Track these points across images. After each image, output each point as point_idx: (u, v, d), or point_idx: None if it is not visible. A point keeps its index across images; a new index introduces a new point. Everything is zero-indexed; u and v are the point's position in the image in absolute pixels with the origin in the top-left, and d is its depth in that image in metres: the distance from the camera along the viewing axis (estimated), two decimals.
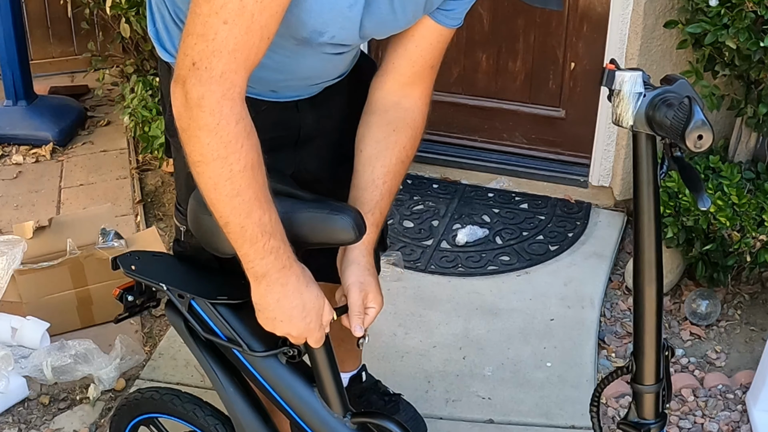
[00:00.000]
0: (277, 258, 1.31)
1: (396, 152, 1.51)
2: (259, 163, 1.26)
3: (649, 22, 2.89)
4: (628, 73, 1.10)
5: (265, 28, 1.21)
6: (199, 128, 1.22)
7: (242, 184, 1.24)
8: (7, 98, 3.92)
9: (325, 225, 1.37)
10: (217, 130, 1.21)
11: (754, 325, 2.77)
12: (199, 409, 1.71)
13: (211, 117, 1.21)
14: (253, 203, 1.26)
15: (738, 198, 2.49)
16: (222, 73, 1.20)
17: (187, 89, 1.21)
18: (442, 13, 1.45)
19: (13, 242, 2.61)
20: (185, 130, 1.24)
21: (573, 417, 2.35)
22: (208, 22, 1.19)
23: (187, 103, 1.22)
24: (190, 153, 1.25)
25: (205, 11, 1.19)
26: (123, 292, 1.55)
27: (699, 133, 1.03)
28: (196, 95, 1.20)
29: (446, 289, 2.87)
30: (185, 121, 1.23)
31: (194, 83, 1.20)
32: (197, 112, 1.21)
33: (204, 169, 1.24)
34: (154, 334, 2.73)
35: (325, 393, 1.50)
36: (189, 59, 1.21)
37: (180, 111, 1.23)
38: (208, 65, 1.20)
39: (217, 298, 1.48)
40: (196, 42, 1.20)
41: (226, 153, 1.22)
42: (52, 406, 2.46)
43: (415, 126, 1.54)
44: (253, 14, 1.19)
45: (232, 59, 1.21)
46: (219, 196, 1.26)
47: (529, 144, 3.45)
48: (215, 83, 1.20)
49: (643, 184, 1.20)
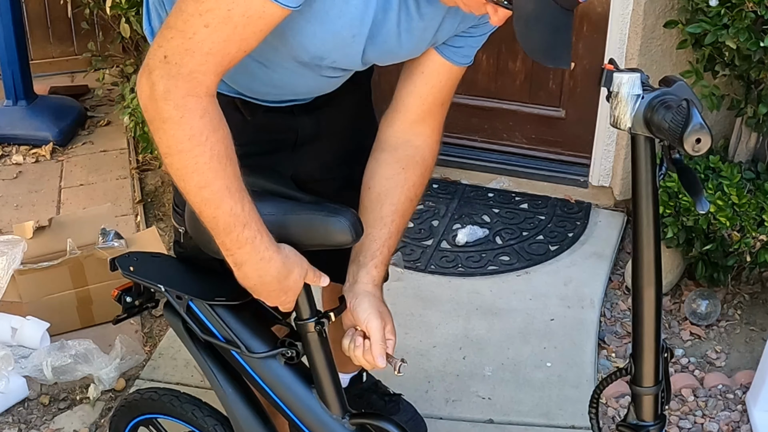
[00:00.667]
0: (254, 248, 1.31)
1: (405, 191, 1.52)
2: (228, 155, 1.26)
3: (649, 22, 2.88)
4: (626, 74, 1.10)
5: (244, 41, 1.22)
6: (164, 121, 1.23)
7: (209, 176, 1.25)
8: (7, 98, 3.92)
9: (322, 227, 1.37)
10: (181, 123, 1.22)
11: (754, 325, 2.77)
12: (197, 409, 1.71)
13: (176, 111, 1.22)
14: (223, 193, 1.26)
15: (738, 198, 2.49)
16: (191, 71, 1.21)
17: (153, 80, 1.22)
18: (451, 49, 1.46)
19: (13, 242, 2.61)
20: (151, 121, 1.25)
21: (573, 417, 2.35)
22: (189, 21, 1.20)
23: (152, 95, 1.22)
24: (157, 144, 1.27)
25: (190, 10, 1.20)
26: (121, 293, 1.55)
27: (697, 137, 1.02)
28: (162, 88, 1.21)
29: (446, 289, 2.87)
30: (151, 112, 1.24)
31: (161, 75, 1.21)
32: (162, 104, 1.22)
33: (171, 160, 1.26)
34: (154, 334, 2.73)
35: (324, 394, 1.50)
36: (162, 51, 1.22)
37: (146, 102, 1.24)
38: (179, 61, 1.21)
39: (215, 299, 1.48)
40: (173, 36, 1.21)
41: (191, 145, 1.23)
42: (52, 406, 2.46)
43: (425, 164, 1.54)
44: (236, 26, 1.20)
45: (204, 61, 1.21)
46: (188, 187, 1.27)
47: (529, 144, 3.45)
48: (182, 80, 1.21)
49: (642, 185, 1.19)
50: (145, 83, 1.23)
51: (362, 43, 1.34)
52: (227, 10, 1.18)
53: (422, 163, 1.53)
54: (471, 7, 1.27)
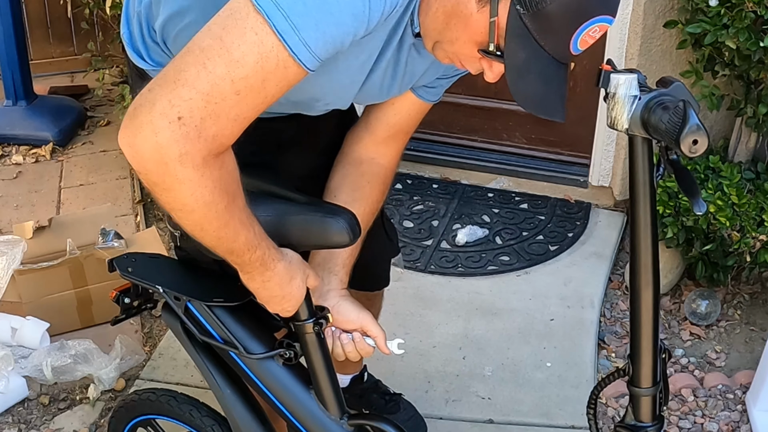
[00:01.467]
0: (262, 263, 1.32)
1: (369, 204, 1.57)
2: (240, 190, 1.22)
3: (649, 22, 2.88)
4: (623, 75, 1.10)
5: (268, 104, 1.16)
6: (180, 182, 1.13)
7: (227, 217, 1.21)
8: (7, 98, 3.92)
9: (319, 228, 1.37)
10: (202, 181, 1.14)
11: (754, 325, 2.77)
12: (195, 410, 1.71)
13: (195, 172, 1.12)
14: (238, 228, 1.24)
15: (738, 198, 2.49)
16: (215, 135, 1.12)
17: (161, 143, 1.09)
18: (425, 90, 1.50)
19: (13, 242, 2.61)
20: (157, 184, 1.14)
21: (573, 417, 2.35)
22: (219, 85, 1.10)
23: (161, 159, 1.10)
24: (167, 203, 1.17)
25: (220, 72, 1.10)
26: (120, 295, 1.55)
27: (694, 138, 1.02)
28: (177, 151, 1.10)
29: (446, 289, 2.87)
30: (158, 176, 1.13)
31: (175, 139, 1.09)
32: (177, 167, 1.11)
33: (187, 215, 1.18)
34: (154, 334, 2.73)
35: (322, 395, 1.50)
36: (175, 111, 1.09)
37: (148, 166, 1.12)
38: (200, 125, 1.10)
39: (214, 300, 1.48)
40: (192, 97, 1.09)
41: (212, 197, 1.16)
42: (52, 406, 2.46)
43: (386, 182, 1.61)
44: (267, 94, 1.14)
45: (230, 126, 1.13)
46: (206, 234, 1.22)
47: (529, 144, 3.45)
48: (203, 143, 1.11)
49: (640, 186, 1.19)
50: (144, 146, 1.10)
51: (358, 87, 1.37)
52: (262, 80, 1.11)
53: (384, 180, 1.60)
54: (467, 65, 1.27)
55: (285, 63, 1.11)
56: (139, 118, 1.10)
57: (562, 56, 1.19)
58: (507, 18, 1.16)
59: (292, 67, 1.13)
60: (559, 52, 1.19)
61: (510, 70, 1.19)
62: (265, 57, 1.10)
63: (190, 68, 1.10)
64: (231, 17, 1.11)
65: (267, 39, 1.10)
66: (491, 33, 1.18)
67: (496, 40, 1.18)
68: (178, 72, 1.10)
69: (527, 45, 1.17)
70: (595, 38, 1.18)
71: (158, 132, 1.09)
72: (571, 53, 1.19)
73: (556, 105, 1.24)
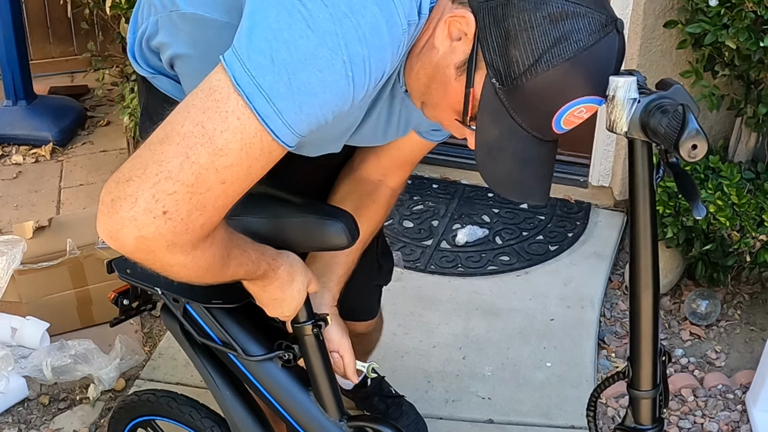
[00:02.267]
0: (263, 277, 1.32)
1: (371, 224, 1.57)
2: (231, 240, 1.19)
3: (649, 22, 2.88)
4: (622, 78, 1.09)
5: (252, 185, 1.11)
6: (170, 265, 1.10)
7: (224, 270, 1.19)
8: (7, 98, 3.92)
9: (318, 230, 1.36)
10: (193, 261, 1.10)
11: (754, 325, 2.77)
12: (195, 411, 1.71)
13: (185, 256, 1.09)
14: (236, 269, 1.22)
15: (738, 198, 2.49)
16: (203, 225, 1.07)
17: (147, 237, 1.04)
18: (431, 132, 1.47)
19: (13, 242, 2.61)
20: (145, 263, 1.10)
21: (573, 417, 2.35)
22: (203, 176, 1.03)
23: (148, 249, 1.06)
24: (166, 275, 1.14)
25: (204, 163, 1.03)
26: (118, 296, 1.55)
27: (693, 143, 1.01)
28: (164, 244, 1.05)
29: (446, 289, 2.87)
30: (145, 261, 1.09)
31: (163, 234, 1.04)
32: (164, 255, 1.07)
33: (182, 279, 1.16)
34: (154, 334, 2.73)
35: (321, 397, 1.50)
36: (159, 206, 1.03)
37: (135, 255, 1.08)
38: (187, 218, 1.05)
39: (212, 302, 1.48)
40: (176, 190, 1.03)
41: (206, 267, 1.13)
42: (52, 406, 2.46)
43: (391, 203, 1.61)
44: (253, 179, 1.09)
45: (217, 214, 1.08)
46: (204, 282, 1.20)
47: None
48: (191, 234, 1.06)
49: (639, 188, 1.19)
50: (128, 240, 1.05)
51: (347, 137, 1.36)
52: (248, 167, 1.05)
53: (387, 203, 1.60)
54: (450, 129, 1.22)
55: (270, 147, 1.06)
56: (120, 213, 1.03)
57: (543, 134, 1.12)
58: (482, 90, 1.10)
59: (277, 150, 1.07)
60: (540, 131, 1.12)
61: (479, 147, 1.13)
62: (249, 143, 1.04)
63: (172, 160, 1.03)
64: (211, 98, 1.04)
65: (250, 124, 1.03)
66: (466, 103, 1.12)
67: (471, 112, 1.12)
68: (159, 164, 1.03)
69: (502, 121, 1.10)
70: (582, 118, 1.11)
71: (142, 228, 1.04)
72: (554, 132, 1.12)
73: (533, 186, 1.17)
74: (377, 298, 1.96)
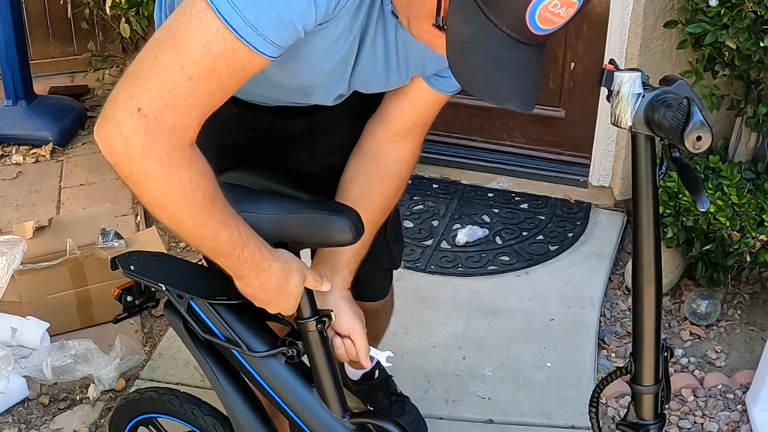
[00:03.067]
0: (254, 264, 1.32)
1: (381, 201, 1.54)
2: (217, 191, 1.24)
3: (649, 22, 2.88)
4: (627, 73, 1.10)
5: (226, 91, 1.17)
6: (147, 176, 1.16)
7: (203, 216, 1.22)
8: (7, 98, 3.92)
9: (323, 226, 1.37)
10: (168, 176, 1.16)
11: (754, 325, 2.77)
12: (197, 408, 1.71)
13: (160, 165, 1.15)
14: (219, 227, 1.25)
15: (738, 198, 2.49)
16: (173, 125, 1.14)
17: (125, 135, 1.12)
18: (438, 79, 1.44)
19: (13, 242, 2.61)
20: (127, 177, 1.17)
21: (573, 417, 2.35)
22: (170, 73, 1.12)
23: (127, 152, 1.14)
24: (139, 197, 1.21)
25: (169, 60, 1.12)
26: (122, 293, 1.55)
27: (698, 135, 1.03)
28: (139, 143, 1.13)
29: (446, 289, 2.87)
30: (126, 169, 1.16)
31: (136, 130, 1.12)
32: (142, 160, 1.14)
33: (160, 210, 1.21)
34: (154, 334, 2.73)
35: (324, 393, 1.50)
36: (133, 103, 1.12)
37: (118, 159, 1.16)
38: (158, 115, 1.12)
39: (216, 298, 1.48)
40: (147, 88, 1.12)
41: (182, 194, 1.18)
42: (52, 406, 2.46)
43: (402, 177, 1.56)
44: (221, 78, 1.14)
45: (187, 114, 1.14)
46: (184, 231, 1.24)
47: (529, 144, 3.45)
48: (164, 134, 1.13)
49: (642, 184, 1.19)
50: (113, 139, 1.14)
51: (347, 77, 1.34)
52: (212, 63, 1.12)
53: (399, 175, 1.55)
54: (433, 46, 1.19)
55: (233, 45, 1.12)
56: (106, 111, 1.15)
57: (520, 34, 1.06)
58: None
59: (242, 50, 1.13)
60: (515, 29, 1.06)
61: (451, 45, 1.09)
62: (212, 41, 1.11)
63: (145, 60, 1.14)
64: (181, 8, 1.14)
65: (211, 23, 1.11)
66: (439, 4, 1.09)
67: (444, 11, 1.09)
68: (135, 65, 1.15)
69: (474, 18, 1.05)
70: (559, 16, 1.05)
71: (121, 125, 1.13)
72: (530, 31, 1.06)
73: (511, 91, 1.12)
74: (385, 279, 1.94)
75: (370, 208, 1.49)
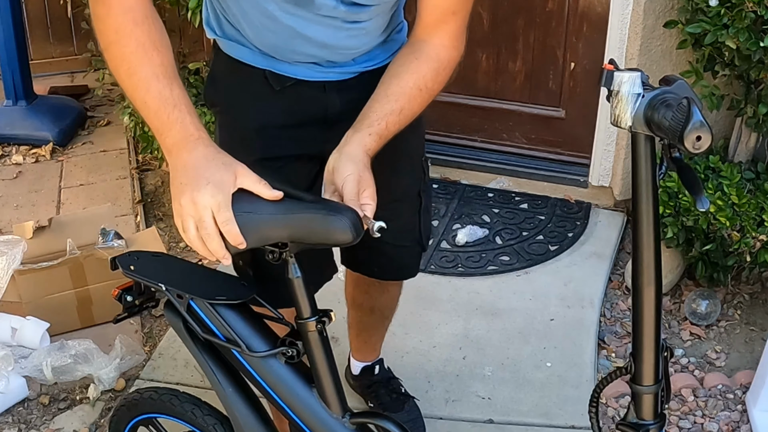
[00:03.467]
0: (183, 127, 1.34)
1: (414, 77, 1.49)
2: (154, 46, 1.36)
3: (649, 22, 2.89)
4: (627, 73, 1.10)
5: None
6: (96, 18, 1.38)
7: (135, 63, 1.35)
8: (7, 98, 3.92)
9: (322, 225, 1.36)
10: (107, 19, 1.36)
11: (754, 325, 2.77)
12: (197, 408, 1.70)
13: (102, 8, 1.36)
14: (150, 79, 1.35)
15: (738, 198, 2.49)
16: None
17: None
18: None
19: (13, 242, 2.61)
20: (94, 22, 1.39)
21: (573, 417, 2.35)
22: None
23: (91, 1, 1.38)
24: (99, 42, 1.41)
25: None
26: (122, 293, 1.55)
27: (697, 134, 1.03)
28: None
29: (446, 289, 2.87)
30: (92, 14, 1.39)
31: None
32: (93, 5, 1.38)
33: (106, 54, 1.39)
34: (154, 334, 2.73)
35: (324, 393, 1.50)
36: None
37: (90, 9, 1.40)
38: None
39: (216, 298, 1.48)
40: None
41: (118, 37, 1.35)
42: (52, 406, 2.46)
43: (438, 59, 1.51)
44: None
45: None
46: (120, 76, 1.38)
47: (529, 144, 3.45)
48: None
49: (642, 184, 1.19)
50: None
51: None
52: None
53: (435, 57, 1.51)
54: None
55: None
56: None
57: None
58: None
59: None
60: None
61: None
62: None
63: None
64: None
65: None
66: None
67: None
68: None
69: None
70: None
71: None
72: None
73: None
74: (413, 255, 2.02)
75: (403, 83, 1.47)
